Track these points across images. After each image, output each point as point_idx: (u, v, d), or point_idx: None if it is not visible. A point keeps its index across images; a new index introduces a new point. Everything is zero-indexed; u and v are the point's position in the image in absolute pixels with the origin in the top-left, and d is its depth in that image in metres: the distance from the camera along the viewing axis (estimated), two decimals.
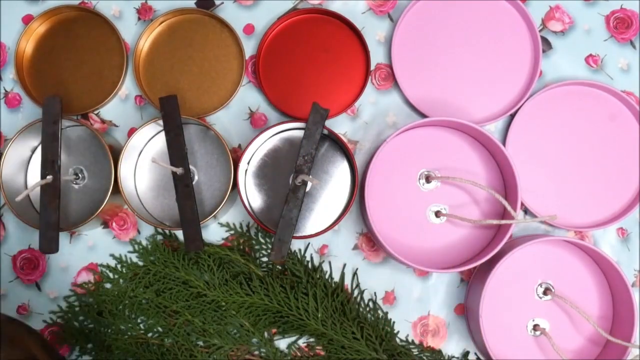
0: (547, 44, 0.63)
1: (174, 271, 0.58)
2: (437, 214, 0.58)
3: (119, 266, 0.60)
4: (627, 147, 0.61)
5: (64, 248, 0.60)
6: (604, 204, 0.60)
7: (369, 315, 0.59)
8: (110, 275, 0.60)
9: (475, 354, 0.60)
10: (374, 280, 0.60)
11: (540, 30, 0.62)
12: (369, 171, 0.56)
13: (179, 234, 0.60)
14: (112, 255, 0.60)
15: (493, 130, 0.62)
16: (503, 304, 0.58)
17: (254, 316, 0.58)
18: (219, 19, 0.60)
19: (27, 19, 0.62)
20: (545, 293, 0.58)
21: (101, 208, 0.56)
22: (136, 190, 0.59)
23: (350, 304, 0.59)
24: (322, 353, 0.58)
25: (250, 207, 0.56)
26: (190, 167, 0.57)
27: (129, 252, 0.61)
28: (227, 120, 0.61)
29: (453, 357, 0.60)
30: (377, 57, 0.62)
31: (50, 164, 0.54)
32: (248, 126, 0.61)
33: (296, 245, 0.60)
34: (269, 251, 0.60)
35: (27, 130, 0.57)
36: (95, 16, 0.61)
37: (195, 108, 0.60)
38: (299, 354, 0.59)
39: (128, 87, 0.62)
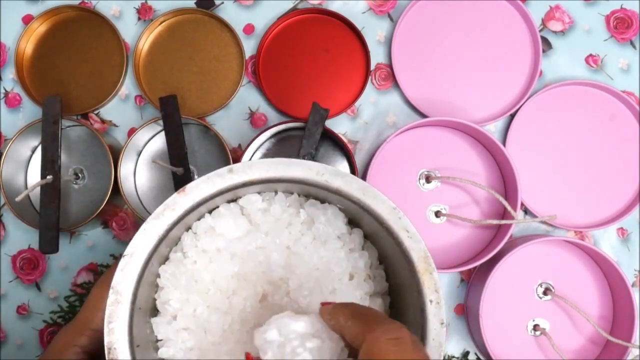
0: (547, 44, 0.63)
1: None
2: (437, 214, 0.58)
3: None
4: (627, 147, 0.61)
5: (64, 248, 0.60)
6: (604, 204, 0.60)
7: None
8: None
9: (476, 354, 0.60)
10: None
11: (540, 30, 0.62)
12: (369, 171, 0.56)
13: None
14: (112, 255, 0.60)
15: (493, 130, 0.62)
16: (503, 304, 0.58)
17: None
18: (219, 19, 0.60)
19: (27, 19, 0.62)
20: (545, 293, 0.58)
21: (101, 208, 0.56)
22: (136, 190, 0.59)
23: None
24: None
25: None
26: (190, 167, 0.57)
27: None
28: (227, 120, 0.61)
29: (453, 357, 0.60)
30: (377, 57, 0.62)
31: (50, 164, 0.54)
32: (248, 126, 0.61)
33: None
34: None
35: (27, 130, 0.57)
36: (95, 16, 0.61)
37: (195, 108, 0.60)
38: None
39: (128, 87, 0.62)
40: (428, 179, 0.59)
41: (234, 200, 0.43)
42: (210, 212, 0.42)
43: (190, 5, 0.62)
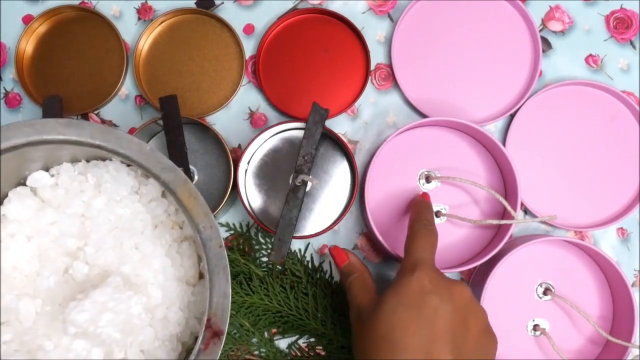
0: (547, 44, 0.63)
1: None
2: (437, 214, 0.58)
3: None
4: (627, 147, 0.61)
5: None
6: (604, 204, 0.60)
7: None
8: None
9: None
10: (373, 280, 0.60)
11: (540, 30, 0.62)
12: (369, 171, 0.56)
13: None
14: None
15: (493, 130, 0.62)
16: (503, 304, 0.58)
17: (254, 316, 0.58)
18: (219, 19, 0.60)
19: (27, 19, 0.62)
20: (545, 293, 0.58)
21: None
22: None
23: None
24: (323, 353, 0.58)
25: (250, 207, 0.56)
26: (190, 167, 0.57)
27: None
28: (227, 120, 0.61)
29: None
30: (377, 57, 0.62)
31: None
32: (248, 126, 0.61)
33: (296, 245, 0.60)
34: (269, 251, 0.60)
35: None
36: (95, 16, 0.61)
37: (195, 108, 0.60)
38: (299, 353, 0.59)
39: (128, 87, 0.62)
40: (428, 179, 0.59)
41: (23, 184, 0.42)
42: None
43: (190, 5, 0.62)
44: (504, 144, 0.60)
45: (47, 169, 0.42)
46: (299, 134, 0.57)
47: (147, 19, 0.62)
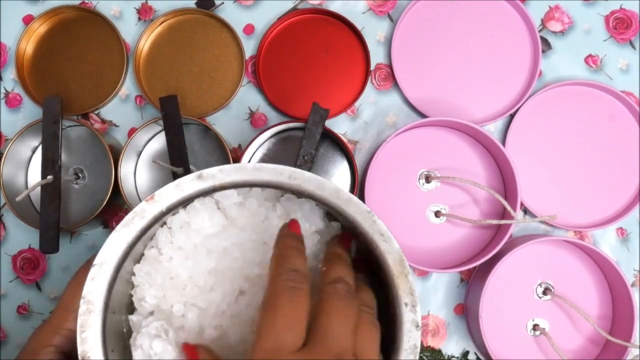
0: (546, 44, 0.63)
1: None
2: (437, 214, 0.58)
3: None
4: (627, 147, 0.61)
5: (64, 248, 0.60)
6: (604, 204, 0.60)
7: None
8: None
9: (475, 353, 0.60)
10: None
11: (539, 31, 0.62)
12: (369, 171, 0.56)
13: None
14: None
15: (493, 130, 0.62)
16: (503, 304, 0.58)
17: None
18: (219, 19, 0.60)
19: (28, 19, 0.62)
20: (545, 293, 0.58)
21: (101, 207, 0.56)
22: (136, 190, 0.59)
23: None
24: None
25: None
26: (191, 167, 0.57)
27: None
28: (227, 120, 0.61)
29: (453, 356, 0.60)
30: (377, 57, 0.62)
31: (50, 164, 0.54)
32: (248, 126, 0.61)
33: None
34: None
35: (27, 130, 0.57)
36: (95, 16, 0.61)
37: (195, 108, 0.60)
38: None
39: (128, 87, 0.62)
40: (428, 179, 0.59)
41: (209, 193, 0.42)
42: (184, 206, 0.41)
43: (191, 6, 0.62)
44: (503, 144, 0.60)
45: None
46: (299, 134, 0.57)
47: (147, 19, 0.62)
